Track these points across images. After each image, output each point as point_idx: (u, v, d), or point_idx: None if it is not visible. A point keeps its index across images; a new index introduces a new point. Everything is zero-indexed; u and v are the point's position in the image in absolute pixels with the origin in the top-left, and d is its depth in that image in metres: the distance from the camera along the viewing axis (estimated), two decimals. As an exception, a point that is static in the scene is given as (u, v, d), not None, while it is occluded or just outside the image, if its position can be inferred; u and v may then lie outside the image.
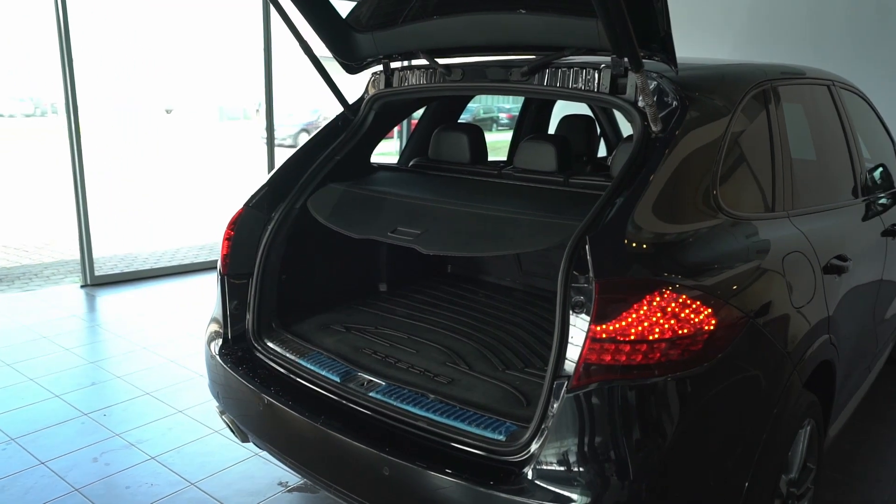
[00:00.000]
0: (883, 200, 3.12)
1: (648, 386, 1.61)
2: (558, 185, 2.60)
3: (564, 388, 1.65)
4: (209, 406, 3.57)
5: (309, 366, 2.28)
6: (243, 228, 2.53)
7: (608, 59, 2.11)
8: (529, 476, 1.66)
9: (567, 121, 3.60)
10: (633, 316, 1.62)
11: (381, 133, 2.86)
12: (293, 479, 2.93)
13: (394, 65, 2.67)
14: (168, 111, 29.16)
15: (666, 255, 1.76)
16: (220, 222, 2.65)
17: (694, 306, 1.65)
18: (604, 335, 1.61)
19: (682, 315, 1.64)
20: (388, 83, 2.68)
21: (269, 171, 6.44)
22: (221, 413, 2.55)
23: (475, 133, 2.97)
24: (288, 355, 2.36)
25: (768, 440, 1.85)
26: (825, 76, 2.94)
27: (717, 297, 1.71)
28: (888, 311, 3.18)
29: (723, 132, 2.05)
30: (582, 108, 4.39)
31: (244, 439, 2.53)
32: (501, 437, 1.81)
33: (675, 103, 1.99)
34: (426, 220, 2.27)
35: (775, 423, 1.88)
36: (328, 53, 2.69)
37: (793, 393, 1.96)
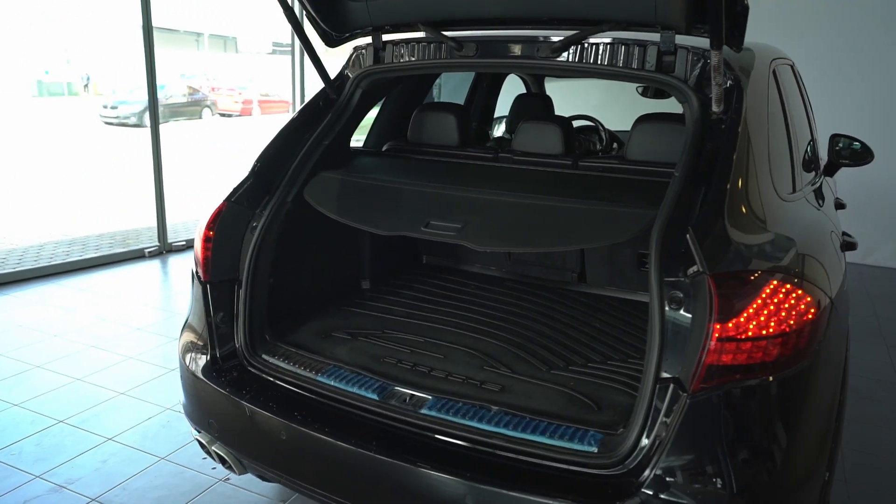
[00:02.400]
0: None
1: (768, 385, 1.54)
2: (568, 168, 2.47)
3: (682, 393, 1.53)
4: (144, 429, 3.09)
5: (333, 383, 1.98)
6: (226, 227, 2.16)
7: (638, 35, 2.00)
8: (650, 491, 1.53)
9: (523, 101, 3.47)
10: (750, 311, 1.53)
11: (363, 114, 2.56)
12: (273, 504, 2.61)
13: (386, 37, 2.38)
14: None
15: (764, 245, 1.69)
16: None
17: (796, 295, 1.59)
18: (725, 334, 1.51)
19: (789, 306, 1.57)
20: (378, 58, 2.39)
21: (153, 156, 5.75)
22: (209, 444, 2.17)
23: (461, 113, 2.75)
24: (300, 372, 2.05)
25: (837, 427, 1.87)
26: (788, 56, 3.03)
27: (812, 284, 1.67)
28: None
29: (766, 111, 2.02)
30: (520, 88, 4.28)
31: (241, 472, 2.19)
32: (593, 449, 1.67)
33: (729, 82, 1.92)
34: (458, 211, 2.04)
35: (840, 408, 1.90)
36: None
37: (847, 376, 1.99)
